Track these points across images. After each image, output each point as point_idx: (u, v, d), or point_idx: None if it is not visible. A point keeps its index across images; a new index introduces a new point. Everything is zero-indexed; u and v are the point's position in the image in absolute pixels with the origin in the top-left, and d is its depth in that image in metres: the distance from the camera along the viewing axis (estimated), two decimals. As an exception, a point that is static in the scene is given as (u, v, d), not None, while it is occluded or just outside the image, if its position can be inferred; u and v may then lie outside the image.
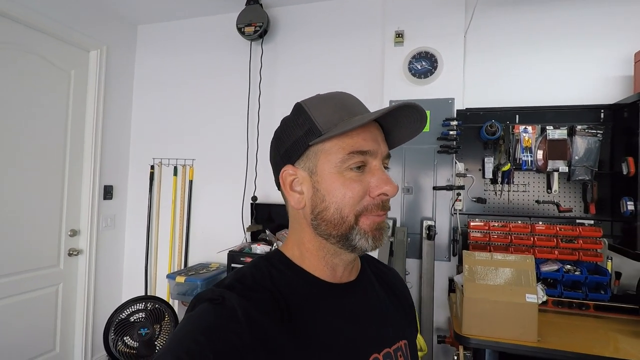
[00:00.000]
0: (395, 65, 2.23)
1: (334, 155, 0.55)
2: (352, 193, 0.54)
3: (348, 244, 0.55)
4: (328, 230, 0.55)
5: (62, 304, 2.45)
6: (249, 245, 2.30)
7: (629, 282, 1.79)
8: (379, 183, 0.54)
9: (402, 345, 0.63)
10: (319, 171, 0.56)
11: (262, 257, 0.61)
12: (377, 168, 0.55)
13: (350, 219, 0.54)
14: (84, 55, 2.54)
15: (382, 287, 0.69)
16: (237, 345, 0.46)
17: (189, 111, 2.76)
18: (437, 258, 2.08)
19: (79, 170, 2.52)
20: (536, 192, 1.98)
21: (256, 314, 0.49)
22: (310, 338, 0.52)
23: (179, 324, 0.51)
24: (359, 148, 0.54)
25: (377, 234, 0.56)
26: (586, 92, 1.97)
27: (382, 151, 0.57)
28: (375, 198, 0.54)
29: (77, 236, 2.52)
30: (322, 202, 0.55)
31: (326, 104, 0.58)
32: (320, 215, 0.56)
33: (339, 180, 0.54)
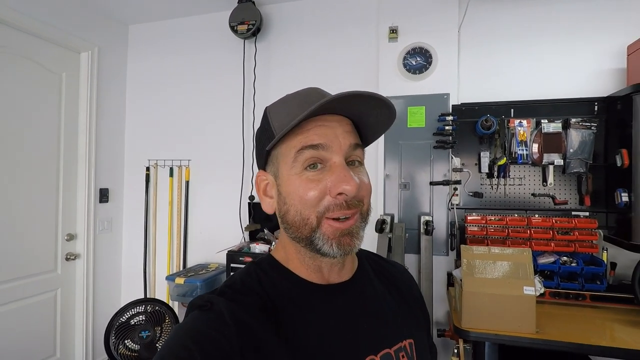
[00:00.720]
0: (389, 61, 2.22)
1: (287, 157, 0.54)
2: (310, 194, 0.52)
3: (314, 248, 0.53)
4: (294, 234, 0.55)
5: (61, 309, 2.44)
6: (247, 244, 2.30)
7: (624, 272, 1.82)
8: (337, 181, 0.51)
9: (406, 344, 0.60)
10: (280, 174, 0.56)
11: (252, 262, 0.61)
12: (337, 165, 0.52)
13: (311, 220, 0.52)
14: (75, 57, 2.51)
15: (384, 284, 0.66)
16: (225, 348, 0.46)
17: (184, 111, 2.74)
18: (436, 253, 2.10)
19: (73, 174, 2.50)
20: (532, 185, 2.00)
21: (245, 317, 0.50)
22: (299, 340, 0.52)
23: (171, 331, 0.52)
24: (308, 142, 0.52)
25: (344, 240, 0.52)
26: (580, 86, 1.98)
27: (342, 144, 0.53)
28: (337, 198, 0.51)
29: (74, 240, 2.51)
30: (284, 204, 0.55)
31: (286, 105, 0.57)
32: (284, 219, 0.56)
33: (297, 182, 0.53)
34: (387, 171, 2.21)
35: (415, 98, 2.17)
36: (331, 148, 0.52)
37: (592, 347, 1.43)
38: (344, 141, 0.53)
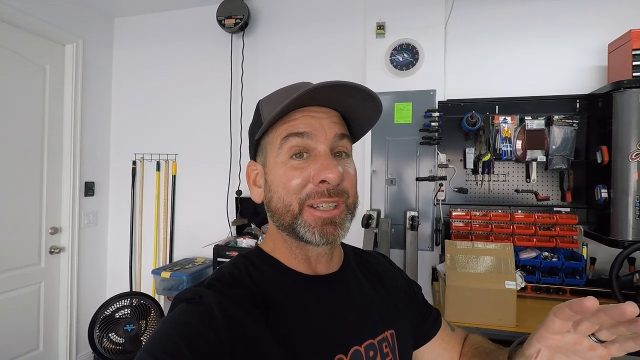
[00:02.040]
0: (377, 56, 2.23)
1: (274, 144, 0.55)
2: (292, 181, 0.53)
3: (296, 236, 0.54)
4: (278, 221, 0.56)
5: (45, 302, 2.41)
6: (234, 239, 2.30)
7: (603, 267, 1.86)
8: (320, 169, 0.52)
9: (387, 335, 0.62)
10: (268, 163, 0.57)
11: (240, 255, 0.62)
12: (321, 154, 0.53)
13: (293, 207, 0.53)
14: (60, 49, 2.47)
15: (366, 276, 0.67)
16: (214, 342, 0.46)
17: (171, 105, 2.72)
18: (421, 248, 2.11)
19: (58, 167, 2.47)
20: (515, 181, 2.03)
21: (233, 310, 0.50)
22: (287, 331, 0.52)
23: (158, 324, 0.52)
24: (294, 130, 0.53)
25: (327, 229, 0.53)
26: (563, 83, 2.01)
27: (327, 134, 0.54)
28: (319, 186, 0.53)
29: (58, 234, 2.47)
30: (269, 192, 0.57)
31: (275, 96, 0.58)
32: (269, 206, 0.57)
33: (281, 170, 0.55)
34: (374, 167, 2.22)
35: (402, 94, 2.18)
36: (316, 137, 0.53)
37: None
38: (329, 131, 0.54)
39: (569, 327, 0.46)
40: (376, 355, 0.58)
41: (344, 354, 0.54)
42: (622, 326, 0.42)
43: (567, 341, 0.47)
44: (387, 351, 0.60)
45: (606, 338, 0.44)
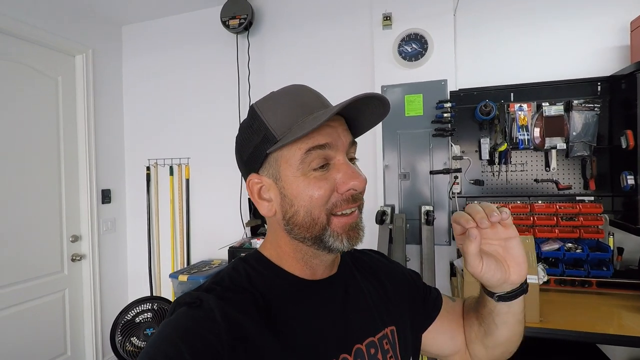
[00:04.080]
0: (384, 49, 2.17)
1: (293, 159, 0.53)
2: (319, 193, 0.53)
3: (323, 246, 0.55)
4: (302, 234, 0.55)
5: (70, 309, 2.48)
6: (248, 240, 2.30)
7: (631, 257, 1.77)
8: (346, 178, 0.53)
9: (387, 332, 0.63)
10: (283, 177, 0.55)
11: (240, 259, 0.61)
12: (341, 163, 0.54)
13: (322, 219, 0.54)
14: (70, 60, 2.51)
15: (363, 275, 0.68)
16: (215, 346, 0.46)
17: (180, 109, 2.73)
18: (438, 242, 2.07)
19: (75, 176, 2.52)
20: (534, 171, 1.95)
21: (234, 314, 0.50)
22: (290, 335, 0.52)
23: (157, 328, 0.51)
24: (316, 143, 0.53)
25: (352, 234, 0.55)
26: (582, 65, 1.91)
27: (344, 142, 0.55)
28: (344, 194, 0.54)
29: (79, 241, 2.54)
30: (291, 207, 0.55)
31: (279, 104, 0.55)
32: (291, 220, 0.55)
33: (304, 183, 0.53)
34: (386, 162, 2.17)
35: (412, 86, 2.12)
36: (336, 147, 0.54)
37: (598, 335, 1.40)
38: (345, 140, 0.55)
39: None
40: (377, 353, 0.59)
41: (347, 353, 0.56)
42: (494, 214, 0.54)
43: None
44: (387, 348, 0.61)
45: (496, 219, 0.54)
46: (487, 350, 0.69)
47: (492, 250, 0.58)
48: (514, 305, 0.61)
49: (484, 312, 0.65)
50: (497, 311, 0.62)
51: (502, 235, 0.57)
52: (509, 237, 0.57)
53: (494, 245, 0.58)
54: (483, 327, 0.66)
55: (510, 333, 0.65)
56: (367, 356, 0.58)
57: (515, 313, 0.63)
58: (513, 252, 0.57)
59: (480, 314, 0.66)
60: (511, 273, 0.58)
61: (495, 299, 0.60)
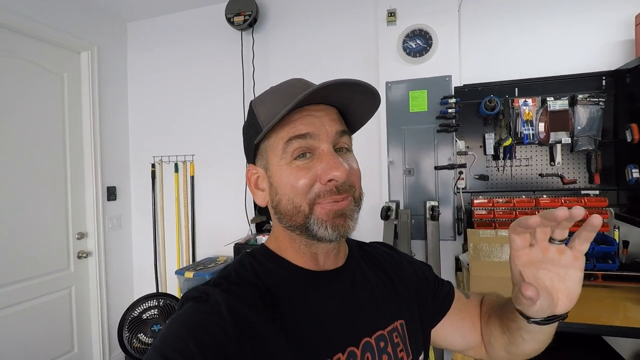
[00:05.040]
0: (389, 45, 2.18)
1: (277, 148, 0.55)
2: (300, 182, 0.53)
3: (310, 234, 0.54)
4: (288, 222, 0.56)
5: (77, 306, 2.49)
6: (254, 236, 2.31)
7: (637, 250, 1.78)
8: (327, 168, 0.52)
9: (397, 325, 0.62)
10: (270, 166, 0.57)
11: (246, 253, 0.62)
12: (325, 152, 0.54)
13: (304, 208, 0.53)
14: (75, 57, 2.52)
15: (372, 268, 0.68)
16: (222, 340, 0.47)
17: (185, 106, 2.74)
18: (443, 238, 2.07)
19: (80, 174, 2.53)
20: (539, 165, 1.96)
21: (241, 308, 0.50)
22: (296, 327, 0.52)
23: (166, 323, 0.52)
24: (296, 132, 0.53)
25: (338, 221, 0.53)
26: (587, 60, 1.91)
27: (329, 132, 0.54)
28: (327, 184, 0.53)
29: (85, 239, 2.55)
30: (276, 195, 0.56)
31: (270, 97, 0.58)
32: (277, 209, 0.57)
33: (287, 171, 0.54)
34: (390, 157, 2.18)
35: (416, 82, 2.12)
36: (318, 136, 0.53)
37: (604, 327, 1.41)
38: (330, 129, 0.54)
39: (529, 240, 0.50)
40: (387, 346, 0.59)
41: (355, 346, 0.55)
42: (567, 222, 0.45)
43: (536, 253, 0.50)
44: (397, 341, 0.61)
45: (561, 237, 0.48)
46: (509, 355, 0.65)
47: (547, 278, 0.50)
48: (548, 327, 0.55)
49: (511, 326, 0.60)
50: (527, 329, 0.57)
51: (567, 264, 0.49)
52: (575, 267, 0.49)
53: (552, 272, 0.50)
54: (507, 336, 0.62)
55: (537, 347, 0.61)
56: (377, 349, 0.57)
57: (546, 333, 0.58)
58: (570, 285, 0.50)
59: (505, 324, 0.62)
60: (558, 306, 0.51)
61: (528, 322, 0.54)
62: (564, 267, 0.50)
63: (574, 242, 0.49)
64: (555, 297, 0.50)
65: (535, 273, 0.50)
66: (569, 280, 0.50)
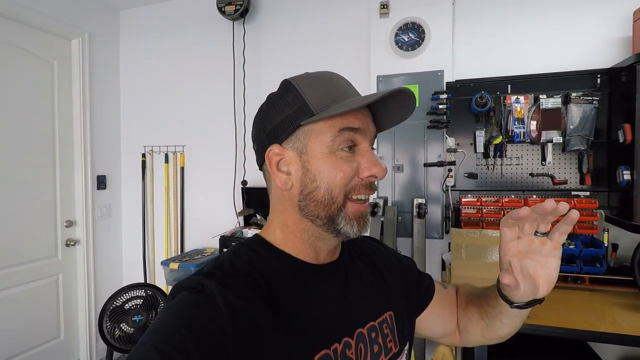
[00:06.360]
0: (381, 38, 2.13)
1: (324, 135, 0.55)
2: (343, 173, 0.54)
3: (333, 228, 0.56)
4: (317, 211, 0.56)
5: (64, 293, 2.50)
6: (240, 229, 2.29)
7: (626, 253, 1.73)
8: (369, 164, 0.55)
9: (387, 317, 0.64)
10: (310, 151, 0.55)
11: (241, 243, 0.61)
12: (366, 149, 0.56)
13: (340, 199, 0.55)
14: (66, 44, 2.50)
15: (362, 262, 0.69)
16: (217, 333, 0.46)
17: (177, 97, 2.72)
18: (430, 236, 2.04)
19: (70, 162, 2.52)
20: (530, 164, 1.91)
21: (236, 300, 0.49)
22: (293, 319, 0.53)
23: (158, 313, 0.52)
24: (350, 125, 0.54)
25: (362, 221, 0.57)
26: (582, 57, 1.86)
27: (372, 131, 0.58)
28: (364, 179, 0.56)
29: (73, 227, 2.54)
30: (313, 182, 0.55)
31: (318, 82, 0.57)
32: (310, 196, 0.56)
33: (330, 160, 0.55)
34: (380, 153, 2.14)
35: (408, 76, 2.08)
36: (364, 134, 0.56)
37: (588, 333, 1.38)
38: (372, 130, 0.59)
39: (518, 233, 0.55)
40: (378, 337, 0.61)
41: (350, 337, 0.57)
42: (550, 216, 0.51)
43: (523, 244, 0.55)
44: (387, 332, 0.63)
45: (545, 230, 0.54)
46: (485, 339, 0.72)
47: (530, 266, 0.57)
48: (526, 310, 0.62)
49: (491, 311, 0.66)
50: (506, 313, 0.63)
51: (547, 253, 0.55)
52: (554, 256, 0.56)
53: (534, 261, 0.56)
54: (485, 322, 0.68)
55: (512, 330, 0.68)
56: (369, 340, 0.59)
57: (523, 315, 0.64)
58: (549, 272, 0.56)
59: (484, 310, 0.68)
60: (539, 292, 0.57)
61: (511, 307, 0.61)
62: (544, 256, 0.55)
63: (554, 234, 0.54)
64: (537, 283, 0.56)
65: (521, 262, 0.56)
66: (549, 267, 0.56)
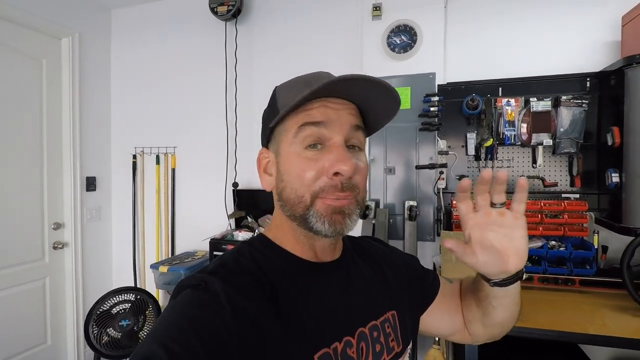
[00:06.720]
0: (373, 40, 2.13)
1: (289, 133, 0.55)
2: (306, 173, 0.53)
3: (307, 226, 0.54)
4: (289, 211, 0.56)
5: (51, 297, 2.45)
6: (231, 232, 2.27)
7: (616, 255, 1.73)
8: (334, 161, 0.52)
9: (389, 316, 0.64)
10: (281, 151, 0.57)
11: (244, 242, 0.62)
12: (336, 145, 0.53)
13: (306, 199, 0.53)
14: (56, 43, 2.47)
15: (365, 261, 0.69)
16: (220, 331, 0.46)
17: (168, 97, 2.69)
18: (422, 238, 2.04)
19: (58, 163, 2.48)
20: (521, 167, 1.92)
21: (239, 298, 0.49)
22: (295, 318, 0.52)
23: (162, 311, 0.51)
24: (310, 119, 0.53)
25: (336, 217, 0.53)
26: (572, 61, 1.87)
27: (343, 124, 0.54)
28: (333, 178, 0.52)
29: (61, 229, 2.50)
30: (281, 182, 0.56)
31: (293, 85, 0.58)
32: (281, 196, 0.57)
33: (296, 160, 0.54)
34: (372, 155, 2.14)
35: (400, 78, 2.08)
36: (332, 127, 0.53)
37: (578, 335, 1.37)
38: (345, 121, 0.54)
39: (472, 206, 0.56)
40: (379, 336, 0.61)
41: (351, 336, 0.57)
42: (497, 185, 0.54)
43: (480, 217, 0.55)
44: (389, 331, 0.63)
45: (499, 200, 0.55)
46: (486, 329, 0.71)
47: (495, 239, 0.55)
48: (510, 289, 0.61)
49: (480, 295, 0.66)
50: (493, 295, 0.63)
51: (510, 224, 0.54)
52: (517, 226, 0.54)
53: (499, 233, 0.55)
54: (481, 309, 0.68)
55: (507, 314, 0.66)
56: (370, 339, 0.59)
57: (511, 295, 0.63)
58: (516, 244, 0.55)
59: (477, 296, 0.67)
60: (509, 264, 0.55)
61: (490, 284, 0.60)
62: (508, 228, 0.54)
63: (513, 204, 0.55)
64: (506, 256, 0.55)
65: (482, 234, 0.55)
66: (515, 239, 0.54)
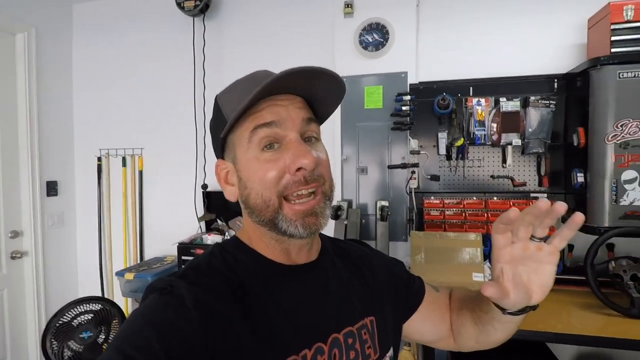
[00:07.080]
0: (345, 38, 2.09)
1: (243, 139, 0.53)
2: (268, 174, 0.52)
3: (279, 230, 0.53)
4: (258, 217, 0.54)
5: (9, 310, 2.30)
6: (200, 235, 2.20)
7: (581, 254, 1.77)
8: (294, 157, 0.51)
9: (367, 322, 0.62)
10: (239, 159, 0.55)
11: (217, 244, 0.61)
12: (292, 141, 0.52)
13: (273, 201, 0.52)
14: (9, 38, 2.31)
15: (345, 265, 0.67)
16: (187, 334, 0.45)
17: (134, 96, 2.58)
18: (395, 239, 2.02)
19: (15, 167, 2.33)
20: (491, 167, 1.93)
21: (208, 300, 0.48)
22: (265, 321, 0.51)
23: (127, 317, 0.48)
24: (261, 121, 0.52)
25: (309, 220, 0.53)
26: (541, 62, 1.89)
27: (295, 120, 0.53)
28: (296, 174, 0.51)
29: (19, 237, 2.35)
30: (245, 189, 0.55)
31: (235, 90, 0.57)
32: (247, 203, 0.55)
33: (256, 164, 0.53)
34: (344, 155, 2.11)
35: (372, 77, 2.05)
36: (285, 125, 0.52)
37: (544, 334, 1.39)
38: (296, 116, 0.53)
39: (511, 238, 0.50)
40: (355, 342, 0.59)
41: (323, 342, 0.55)
42: (547, 219, 0.46)
43: (517, 250, 0.50)
44: (366, 338, 0.60)
45: (542, 234, 0.49)
46: (478, 345, 0.69)
47: (524, 272, 0.52)
48: (520, 317, 0.58)
49: (484, 317, 0.63)
50: (499, 319, 0.60)
51: (542, 259, 0.50)
52: (550, 262, 0.51)
53: (529, 267, 0.51)
54: (479, 327, 0.65)
55: (505, 335, 0.65)
56: (345, 346, 0.57)
57: (517, 321, 0.60)
58: (544, 280, 0.51)
59: (477, 315, 0.65)
60: (533, 299, 0.52)
61: (503, 313, 0.56)
62: (539, 262, 0.51)
63: (555, 240, 0.49)
64: (531, 290, 0.52)
65: (515, 269, 0.51)
66: (543, 274, 0.51)
